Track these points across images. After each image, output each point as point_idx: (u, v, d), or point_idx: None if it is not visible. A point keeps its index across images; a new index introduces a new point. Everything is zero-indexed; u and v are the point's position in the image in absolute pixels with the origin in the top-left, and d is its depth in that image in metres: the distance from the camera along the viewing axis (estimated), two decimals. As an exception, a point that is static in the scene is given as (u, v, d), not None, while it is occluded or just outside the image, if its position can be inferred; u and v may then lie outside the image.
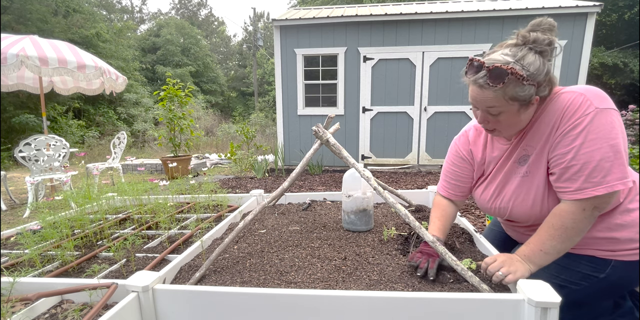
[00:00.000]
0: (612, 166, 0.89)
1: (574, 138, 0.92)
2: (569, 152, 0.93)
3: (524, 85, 0.92)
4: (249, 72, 27.45)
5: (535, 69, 0.92)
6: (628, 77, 10.57)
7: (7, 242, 1.55)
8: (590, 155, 0.90)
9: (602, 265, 1.02)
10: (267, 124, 14.74)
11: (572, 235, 0.94)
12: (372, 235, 1.41)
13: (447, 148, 1.39)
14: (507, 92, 0.93)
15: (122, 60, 15.35)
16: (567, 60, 5.48)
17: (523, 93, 0.93)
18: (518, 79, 0.90)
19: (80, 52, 4.11)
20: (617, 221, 1.00)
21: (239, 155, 6.08)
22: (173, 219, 1.72)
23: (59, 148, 3.87)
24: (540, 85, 0.95)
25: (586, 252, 1.04)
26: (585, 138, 0.91)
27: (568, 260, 1.04)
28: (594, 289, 1.04)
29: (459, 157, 1.27)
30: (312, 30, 5.90)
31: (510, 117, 0.99)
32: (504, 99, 0.95)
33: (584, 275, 1.03)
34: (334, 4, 16.18)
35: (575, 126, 0.92)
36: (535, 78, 0.92)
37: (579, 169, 0.91)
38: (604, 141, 0.89)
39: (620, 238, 0.99)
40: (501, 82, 0.91)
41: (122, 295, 0.91)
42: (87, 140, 11.90)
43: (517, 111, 0.97)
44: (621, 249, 1.00)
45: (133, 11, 29.88)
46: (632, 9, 10.35)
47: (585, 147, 0.91)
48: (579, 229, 0.94)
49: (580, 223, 0.93)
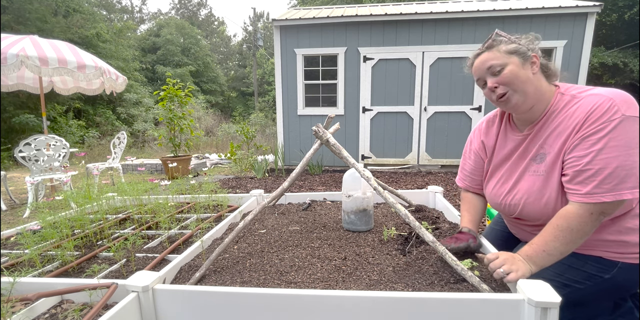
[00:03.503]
0: (627, 175, 0.89)
1: (594, 142, 0.92)
2: (586, 155, 0.93)
3: (512, 42, 1.04)
4: (249, 72, 27.45)
5: (518, 37, 1.06)
6: (628, 77, 10.57)
7: (7, 242, 1.55)
8: (608, 161, 0.90)
9: (609, 266, 1.01)
10: (267, 124, 14.74)
11: (577, 237, 0.94)
12: (372, 235, 1.41)
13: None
14: (500, 48, 1.04)
15: (122, 60, 15.34)
16: (567, 60, 5.48)
17: (514, 46, 1.03)
18: (502, 36, 1.06)
19: (80, 52, 4.11)
20: (628, 225, 1.01)
21: (239, 155, 6.08)
22: (173, 219, 1.72)
23: (59, 148, 3.87)
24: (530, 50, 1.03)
25: (594, 253, 1.04)
26: (606, 144, 0.90)
27: (574, 259, 1.05)
28: (598, 289, 1.04)
29: (472, 151, 1.30)
30: (312, 30, 5.90)
31: (515, 68, 1.02)
32: (501, 53, 1.03)
33: (589, 275, 1.03)
34: (334, 4, 16.18)
35: (599, 131, 0.91)
36: (519, 41, 1.04)
37: (593, 174, 0.91)
38: (624, 149, 0.89)
39: (630, 241, 1.00)
40: (490, 41, 1.07)
41: (122, 295, 0.91)
42: (87, 140, 11.90)
43: (520, 63, 1.02)
44: (630, 252, 1.00)
45: (133, 11, 29.88)
46: (632, 9, 10.36)
47: (605, 153, 0.90)
48: (584, 231, 0.94)
49: (586, 226, 0.93)
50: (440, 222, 1.51)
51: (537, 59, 1.03)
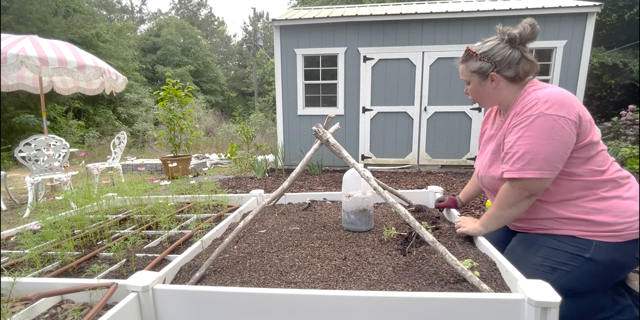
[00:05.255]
0: (533, 159, 1.11)
1: (517, 131, 1.16)
2: (510, 141, 1.18)
3: (478, 61, 1.24)
4: (249, 72, 27.44)
5: (489, 49, 1.22)
6: (628, 77, 10.55)
7: (7, 242, 1.55)
8: (520, 147, 1.14)
9: (585, 245, 1.14)
10: (267, 124, 14.73)
11: (505, 205, 1.20)
12: (372, 235, 1.41)
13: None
14: (468, 65, 1.27)
15: (122, 60, 15.33)
16: (567, 60, 5.48)
17: (477, 66, 1.24)
18: (472, 54, 1.25)
19: (80, 52, 4.11)
20: (592, 205, 1.15)
21: (239, 155, 6.08)
22: (173, 219, 1.72)
23: (59, 148, 3.87)
24: (498, 64, 1.21)
25: (566, 232, 1.18)
26: (523, 134, 1.14)
27: (553, 240, 1.19)
28: (584, 271, 1.13)
29: (480, 134, 1.53)
30: (312, 30, 5.89)
31: (475, 87, 1.30)
32: (467, 71, 1.28)
33: (571, 255, 1.14)
34: (334, 4, 16.17)
35: (521, 122, 1.15)
36: (488, 56, 1.22)
37: (511, 156, 1.16)
38: (534, 139, 1.11)
39: (596, 220, 1.13)
40: (463, 56, 1.29)
41: (122, 295, 0.91)
42: (87, 140, 11.89)
43: (479, 82, 1.27)
44: (599, 231, 1.13)
45: (133, 11, 29.88)
46: (632, 9, 10.34)
47: (520, 140, 1.14)
48: (509, 201, 1.18)
49: (509, 197, 1.18)
50: (440, 222, 1.51)
51: (496, 77, 1.24)
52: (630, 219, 1.11)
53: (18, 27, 10.99)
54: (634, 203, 1.14)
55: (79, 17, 13.43)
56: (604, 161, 1.18)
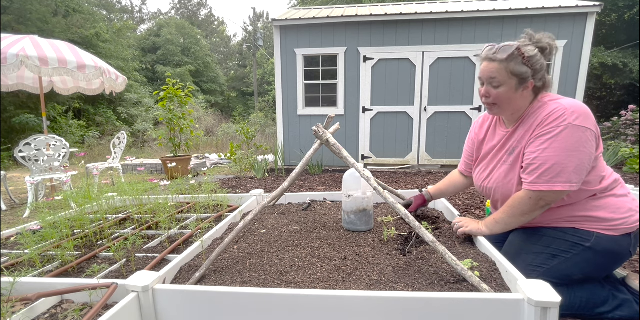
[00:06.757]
0: (562, 171, 1.10)
1: (543, 142, 1.14)
2: (535, 152, 1.16)
3: (523, 65, 1.16)
4: (249, 72, 27.44)
5: (533, 56, 1.16)
6: (628, 77, 10.55)
7: (7, 242, 1.54)
8: (548, 158, 1.12)
9: (587, 236, 1.19)
10: (267, 124, 14.73)
11: (517, 213, 1.19)
12: (372, 235, 1.41)
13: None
14: (509, 66, 1.17)
15: (122, 60, 15.33)
16: (567, 60, 5.47)
17: (522, 70, 1.16)
18: (520, 55, 1.15)
19: (80, 52, 4.11)
20: (593, 203, 1.20)
21: (239, 155, 6.08)
22: (173, 219, 1.71)
23: (59, 148, 3.87)
24: (536, 73, 1.17)
25: (569, 225, 1.23)
26: (550, 145, 1.12)
27: (556, 231, 1.24)
28: (582, 258, 1.18)
29: (470, 140, 1.53)
30: (312, 30, 5.89)
31: (508, 91, 1.20)
32: (506, 72, 1.17)
33: (572, 243, 1.20)
34: (334, 4, 16.17)
35: (548, 133, 1.13)
36: (532, 62, 1.16)
37: (537, 167, 1.14)
38: (563, 151, 1.10)
39: (597, 216, 1.19)
40: (506, 54, 1.15)
41: (122, 295, 0.91)
42: (87, 140, 11.89)
43: (515, 87, 1.19)
44: (599, 224, 1.18)
45: (133, 11, 29.87)
46: (632, 9, 10.34)
47: (547, 152, 1.12)
48: (522, 210, 1.18)
49: (524, 206, 1.17)
50: (440, 222, 1.51)
51: (531, 85, 1.19)
52: (625, 215, 1.19)
53: (18, 27, 10.99)
54: (627, 200, 1.22)
55: (79, 17, 13.43)
56: (604, 165, 1.23)
